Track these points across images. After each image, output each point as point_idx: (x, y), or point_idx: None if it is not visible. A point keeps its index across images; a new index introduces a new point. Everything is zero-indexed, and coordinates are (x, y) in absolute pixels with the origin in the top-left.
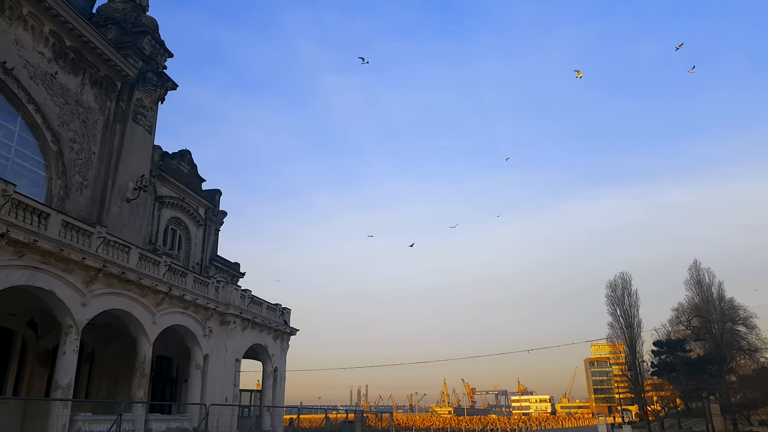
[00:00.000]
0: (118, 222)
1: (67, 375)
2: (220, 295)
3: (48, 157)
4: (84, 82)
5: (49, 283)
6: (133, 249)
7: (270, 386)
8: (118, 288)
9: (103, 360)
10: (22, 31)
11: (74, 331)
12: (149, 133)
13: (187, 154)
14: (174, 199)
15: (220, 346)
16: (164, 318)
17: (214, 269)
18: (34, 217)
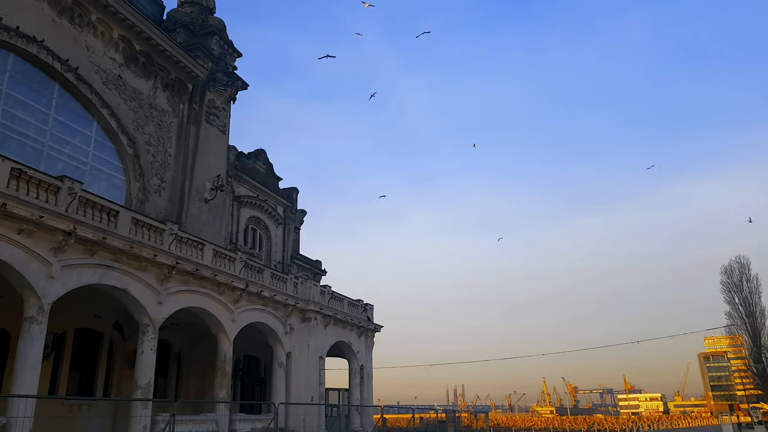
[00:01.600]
0: (198, 223)
1: (146, 375)
2: (299, 291)
3: (125, 161)
4: (156, 86)
5: (123, 281)
6: (206, 245)
7: (357, 385)
8: (194, 285)
9: (190, 360)
10: (93, 37)
11: (151, 330)
12: (223, 133)
13: (263, 154)
14: (252, 198)
15: (303, 344)
16: (243, 315)
17: (296, 267)
18: (103, 215)
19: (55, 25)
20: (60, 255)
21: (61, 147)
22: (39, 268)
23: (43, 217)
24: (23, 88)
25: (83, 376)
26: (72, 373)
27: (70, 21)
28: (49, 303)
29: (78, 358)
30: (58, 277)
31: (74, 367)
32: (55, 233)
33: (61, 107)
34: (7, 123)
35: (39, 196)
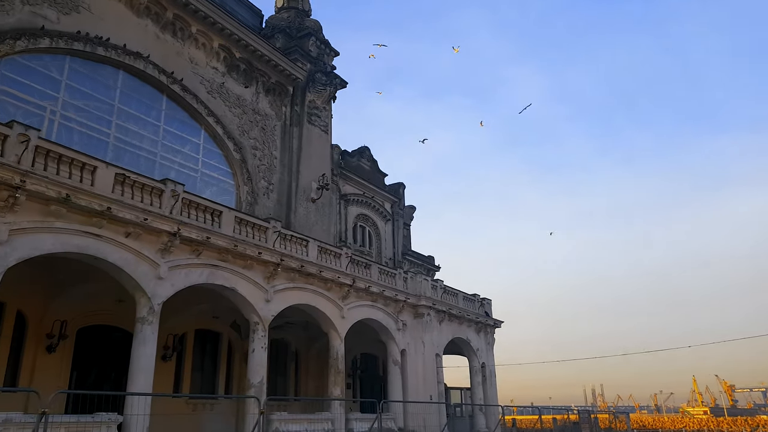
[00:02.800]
0: (306, 222)
1: (258, 373)
2: (409, 286)
3: (233, 166)
4: (258, 91)
5: (230, 280)
6: (311, 242)
7: (479, 383)
8: (300, 282)
9: (307, 359)
10: (195, 49)
11: (261, 328)
12: (325, 132)
13: (366, 151)
14: (358, 195)
15: (417, 341)
16: (352, 312)
17: (407, 264)
18: (207, 215)
19: (159, 40)
20: (167, 256)
21: (173, 156)
22: (148, 270)
23: (147, 220)
24: (134, 102)
25: (205, 376)
26: (194, 373)
27: (172, 35)
28: (159, 303)
29: (199, 358)
30: (167, 278)
31: (196, 367)
32: (160, 235)
33: (170, 118)
34: (120, 136)
35: (143, 199)
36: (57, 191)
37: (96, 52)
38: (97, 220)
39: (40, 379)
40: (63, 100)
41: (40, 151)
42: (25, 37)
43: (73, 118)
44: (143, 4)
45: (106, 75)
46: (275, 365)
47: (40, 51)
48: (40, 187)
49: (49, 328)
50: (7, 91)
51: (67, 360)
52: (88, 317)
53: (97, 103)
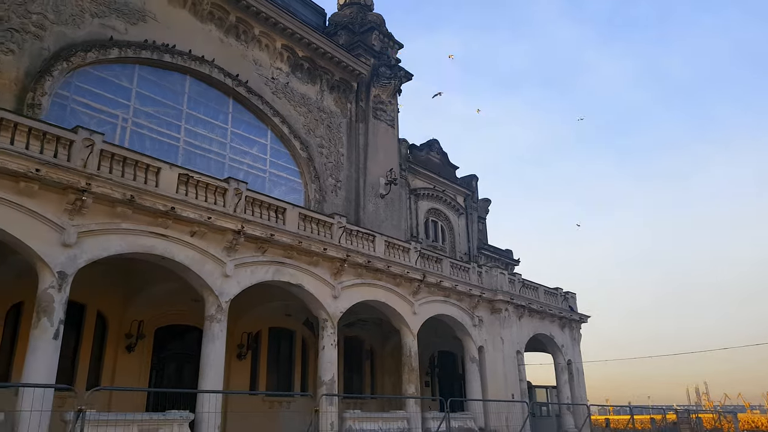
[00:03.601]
0: (376, 218)
1: (329, 370)
2: (485, 280)
3: (300, 165)
4: (322, 89)
5: (296, 277)
6: (377, 237)
7: (566, 382)
8: (368, 278)
9: (382, 357)
10: (258, 51)
11: (330, 325)
12: (392, 127)
13: (435, 143)
14: (428, 189)
15: (495, 337)
16: (424, 308)
17: (483, 258)
18: (271, 212)
19: (223, 44)
20: (232, 254)
21: (241, 158)
22: (214, 268)
23: (211, 218)
24: (201, 106)
25: (281, 373)
26: (270, 371)
27: (236, 38)
28: (227, 301)
29: (274, 356)
30: (233, 276)
31: (272, 365)
32: (225, 233)
33: (237, 120)
34: (190, 140)
35: (207, 198)
36: (122, 193)
37: (163, 59)
38: (163, 220)
39: (121, 377)
40: (134, 108)
41: (105, 154)
42: (96, 48)
43: (144, 124)
44: (206, 9)
45: (174, 81)
46: (350, 363)
47: (110, 61)
48: (106, 189)
49: (127, 328)
50: (81, 102)
51: (147, 359)
52: (165, 317)
53: (166, 109)
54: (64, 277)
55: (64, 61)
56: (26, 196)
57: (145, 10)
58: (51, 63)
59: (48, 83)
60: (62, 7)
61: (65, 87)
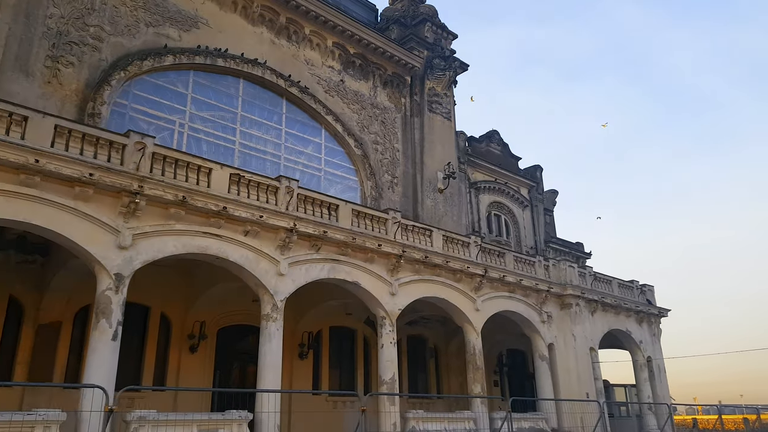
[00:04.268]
0: (435, 214)
1: (389, 369)
2: (552, 274)
3: (355, 162)
4: (375, 85)
5: (352, 274)
6: (435, 231)
7: (646, 380)
8: (426, 274)
9: (447, 355)
10: (310, 50)
11: (388, 323)
12: (448, 119)
13: (495, 135)
14: (489, 182)
15: (566, 333)
16: (487, 304)
17: (552, 251)
18: (323, 209)
19: (275, 46)
20: (286, 252)
21: (296, 157)
22: (268, 267)
23: (263, 217)
24: (256, 108)
25: (343, 373)
26: (332, 370)
27: (287, 39)
28: (282, 300)
29: (336, 355)
30: (287, 274)
31: (334, 364)
32: (278, 231)
33: (291, 120)
34: (245, 142)
35: (259, 197)
36: (174, 194)
37: (216, 63)
38: (215, 220)
39: (185, 378)
40: (190, 113)
41: (157, 157)
42: (151, 56)
43: (200, 129)
44: (257, 12)
45: (228, 85)
46: (413, 362)
47: (165, 68)
48: (158, 191)
49: (190, 329)
50: (139, 109)
51: (210, 359)
52: (227, 317)
53: (221, 113)
54: (120, 279)
55: (121, 70)
56: (82, 201)
57: (198, 16)
58: (109, 73)
59: (107, 93)
60: (118, 19)
61: (123, 95)
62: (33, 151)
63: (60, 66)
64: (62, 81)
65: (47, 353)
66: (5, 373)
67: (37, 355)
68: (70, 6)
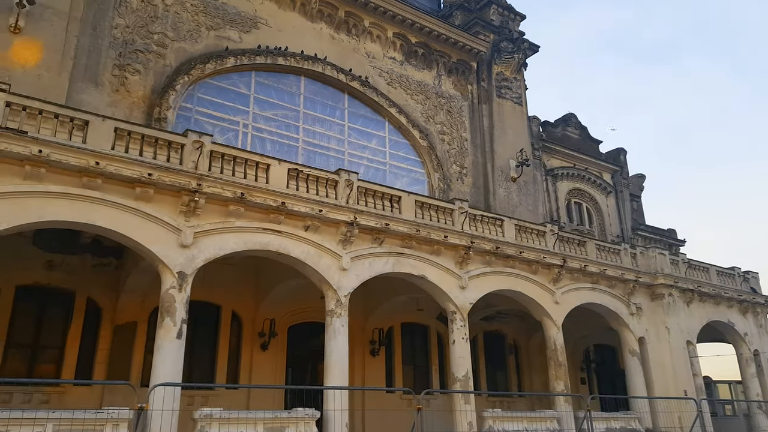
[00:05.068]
0: (508, 204)
1: (461, 366)
2: (640, 263)
3: (421, 154)
4: (439, 73)
5: (418, 268)
6: (506, 221)
7: (753, 376)
8: (499, 266)
9: (528, 351)
10: (370, 43)
11: (459, 318)
12: (519, 104)
13: (572, 118)
14: (567, 168)
15: (658, 326)
16: (568, 296)
17: (641, 239)
18: (385, 202)
19: (335, 41)
20: (348, 247)
21: (360, 152)
22: (330, 262)
23: (322, 211)
24: (318, 105)
25: (418, 370)
26: (406, 367)
27: (347, 33)
28: (346, 295)
29: (410, 352)
30: (350, 269)
31: (407, 361)
32: (338, 225)
33: (354, 115)
34: (309, 140)
35: (318, 192)
36: (232, 191)
37: (277, 62)
38: (275, 216)
39: (257, 376)
40: (253, 113)
41: (215, 155)
42: (213, 59)
43: (264, 128)
44: (315, 8)
45: (289, 83)
46: (491, 358)
47: (227, 70)
48: (216, 188)
49: (260, 326)
50: (204, 112)
51: (281, 357)
52: (297, 315)
53: (284, 111)
54: (183, 277)
55: (185, 74)
56: (143, 201)
57: (257, 17)
58: (173, 78)
59: (172, 97)
60: (180, 24)
61: (188, 99)
62: (93, 153)
63: (127, 74)
64: (129, 88)
65: (124, 353)
66: (86, 373)
67: (114, 355)
68: (135, 15)
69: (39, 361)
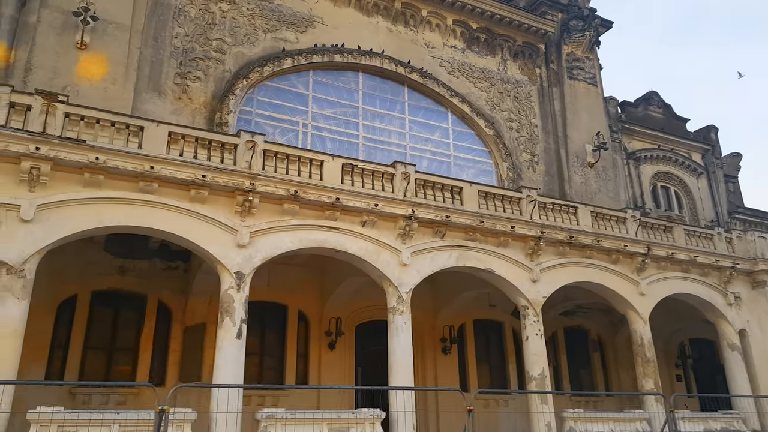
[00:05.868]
0: (586, 191)
1: (537, 364)
2: (737, 248)
3: (487, 143)
4: (504, 59)
5: (483, 261)
6: (580, 208)
7: None
8: (574, 256)
9: (614, 348)
10: (429, 32)
11: (532, 313)
12: (593, 85)
13: (654, 96)
14: (651, 150)
15: (761, 317)
16: (654, 287)
17: (738, 223)
18: (445, 193)
19: (392, 34)
20: (408, 241)
21: (423, 145)
22: (389, 258)
23: (378, 205)
24: (377, 100)
25: (494, 369)
26: (480, 366)
27: (404, 25)
28: (407, 291)
29: (483, 350)
30: (411, 264)
31: (481, 360)
32: (396, 219)
33: (414, 108)
34: (369, 136)
35: (374, 186)
36: (286, 189)
37: (334, 60)
38: (330, 212)
39: (326, 375)
40: (312, 112)
41: (268, 154)
42: (270, 61)
43: (323, 127)
44: (371, 2)
45: (347, 80)
46: (573, 356)
47: (285, 72)
48: (270, 187)
49: (327, 325)
50: (264, 114)
51: (350, 356)
52: (363, 313)
53: (343, 109)
54: (241, 277)
55: (244, 78)
56: (198, 203)
57: (313, 16)
58: (232, 83)
59: (232, 102)
60: (237, 29)
61: (248, 103)
62: (147, 158)
63: (188, 82)
64: (191, 96)
65: (195, 354)
66: (160, 374)
67: (186, 356)
68: (193, 24)
69: (115, 363)
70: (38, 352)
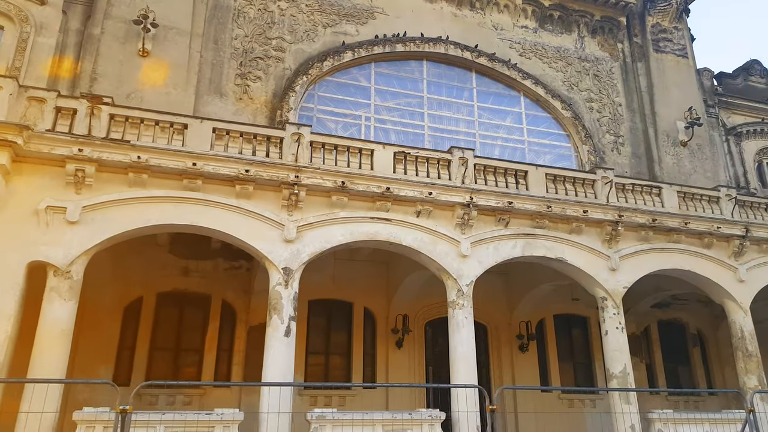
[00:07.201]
0: (679, 172)
1: (618, 360)
2: None
3: (565, 126)
4: (581, 35)
5: (553, 249)
6: (665, 188)
7: None
8: (658, 241)
9: (716, 342)
10: (497, 14)
11: (611, 305)
12: (683, 57)
13: (755, 65)
14: (753, 124)
15: None
16: (756, 273)
17: None
18: (508, 178)
19: (457, 18)
20: (467, 231)
21: (494, 132)
22: (447, 249)
23: (432, 194)
24: (442, 88)
25: (578, 367)
26: (563, 363)
27: (470, 8)
28: (468, 284)
29: (567, 347)
30: (471, 255)
31: (564, 357)
32: (453, 208)
33: (483, 94)
34: (435, 125)
35: (429, 174)
36: (332, 180)
37: (395, 50)
38: (381, 203)
39: (394, 374)
40: (375, 105)
41: (315, 145)
42: (330, 56)
43: (387, 119)
44: None
45: (411, 69)
46: (669, 351)
47: (345, 66)
48: (315, 179)
49: (393, 323)
50: (325, 110)
51: (419, 354)
52: (431, 310)
53: (407, 99)
54: (289, 272)
55: (304, 75)
56: (244, 198)
57: (373, 7)
58: (293, 80)
59: (292, 99)
60: (296, 26)
61: (308, 99)
62: (190, 154)
63: (249, 82)
64: (252, 96)
65: (259, 353)
66: (225, 374)
67: (250, 355)
68: (252, 24)
69: (181, 364)
70: (106, 354)
